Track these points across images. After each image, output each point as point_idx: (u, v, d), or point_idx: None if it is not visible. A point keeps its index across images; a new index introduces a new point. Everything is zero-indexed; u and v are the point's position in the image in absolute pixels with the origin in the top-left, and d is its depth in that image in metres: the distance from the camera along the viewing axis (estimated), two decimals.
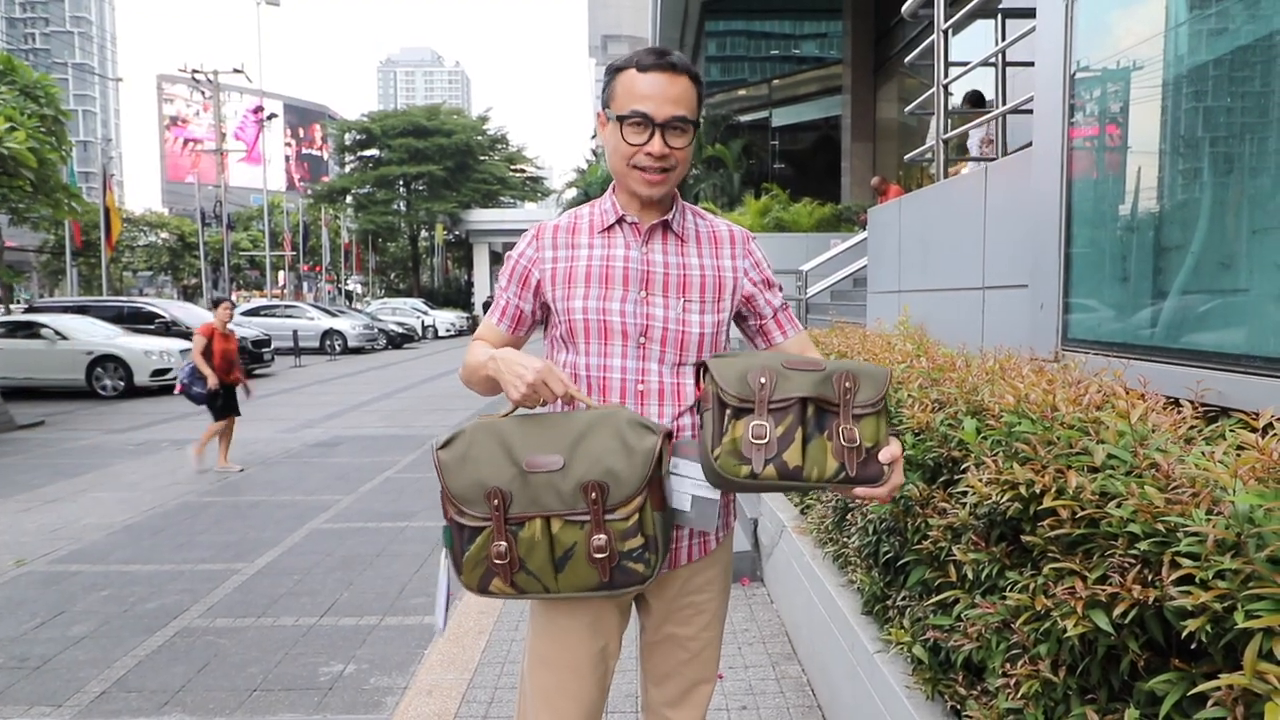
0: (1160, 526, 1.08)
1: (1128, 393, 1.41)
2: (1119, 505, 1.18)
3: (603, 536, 1.34)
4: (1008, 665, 1.47)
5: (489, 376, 1.49)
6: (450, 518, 1.41)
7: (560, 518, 1.35)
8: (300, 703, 3.15)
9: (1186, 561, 1.00)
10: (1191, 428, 1.41)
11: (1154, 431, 1.34)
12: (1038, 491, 1.35)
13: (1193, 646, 1.01)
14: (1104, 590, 1.14)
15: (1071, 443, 1.41)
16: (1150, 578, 1.09)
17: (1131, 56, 2.27)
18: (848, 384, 1.38)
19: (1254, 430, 1.15)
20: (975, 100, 8.42)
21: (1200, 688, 0.93)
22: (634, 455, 1.35)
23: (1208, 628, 0.95)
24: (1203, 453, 1.24)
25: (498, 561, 1.37)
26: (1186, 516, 1.04)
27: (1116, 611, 1.09)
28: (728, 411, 1.37)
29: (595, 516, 1.35)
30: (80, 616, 4.01)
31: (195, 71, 31.76)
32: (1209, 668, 1.03)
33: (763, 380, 1.37)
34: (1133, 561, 1.13)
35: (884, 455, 1.38)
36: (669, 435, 1.41)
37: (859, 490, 1.38)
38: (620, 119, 1.50)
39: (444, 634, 3.59)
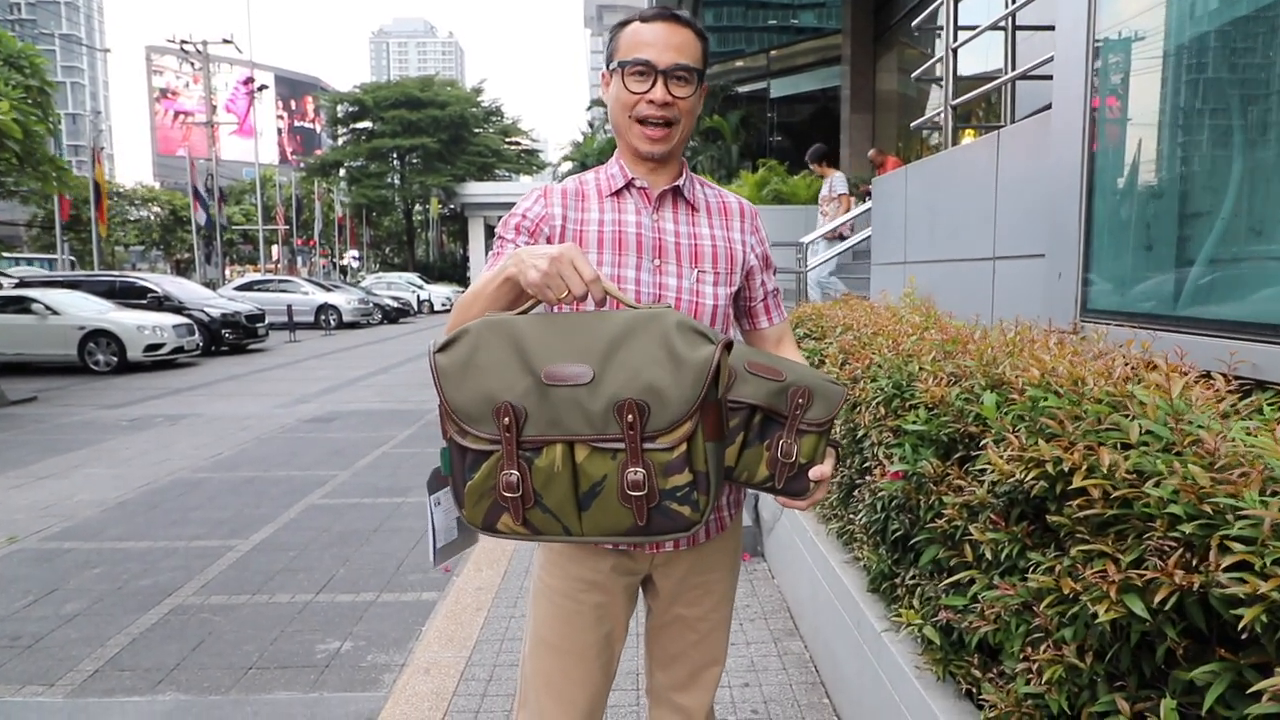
0: (1207, 508, 1.01)
1: (1168, 365, 1.33)
2: (1157, 484, 1.11)
3: (640, 470, 1.09)
4: (1029, 649, 1.41)
5: (509, 278, 1.22)
6: (450, 437, 1.16)
7: (587, 444, 1.10)
8: (296, 680, 3.11)
9: (1238, 546, 0.93)
10: (1221, 400, 1.34)
11: (1190, 406, 1.26)
12: (1066, 470, 1.27)
13: (1244, 636, 0.94)
14: (1140, 575, 1.08)
15: (1100, 418, 1.34)
16: (1194, 562, 1.02)
17: (1160, 15, 2.17)
18: (800, 400, 1.34)
19: None
20: (821, 155, 8.65)
21: (1259, 686, 0.86)
22: (683, 368, 1.09)
23: (1262, 618, 0.88)
24: (1245, 428, 1.17)
25: (507, 495, 1.13)
26: (1237, 498, 0.97)
27: (1157, 598, 1.02)
28: None
29: (631, 445, 1.08)
30: (73, 594, 3.96)
31: (184, 42, 31.32)
32: (1258, 658, 0.97)
33: None
34: (1174, 545, 1.06)
35: (814, 473, 1.36)
36: (729, 346, 1.15)
37: (780, 499, 1.39)
38: (622, 65, 1.44)
39: (436, 567, 3.48)
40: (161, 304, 15.46)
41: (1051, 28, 2.83)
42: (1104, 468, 1.20)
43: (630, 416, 1.08)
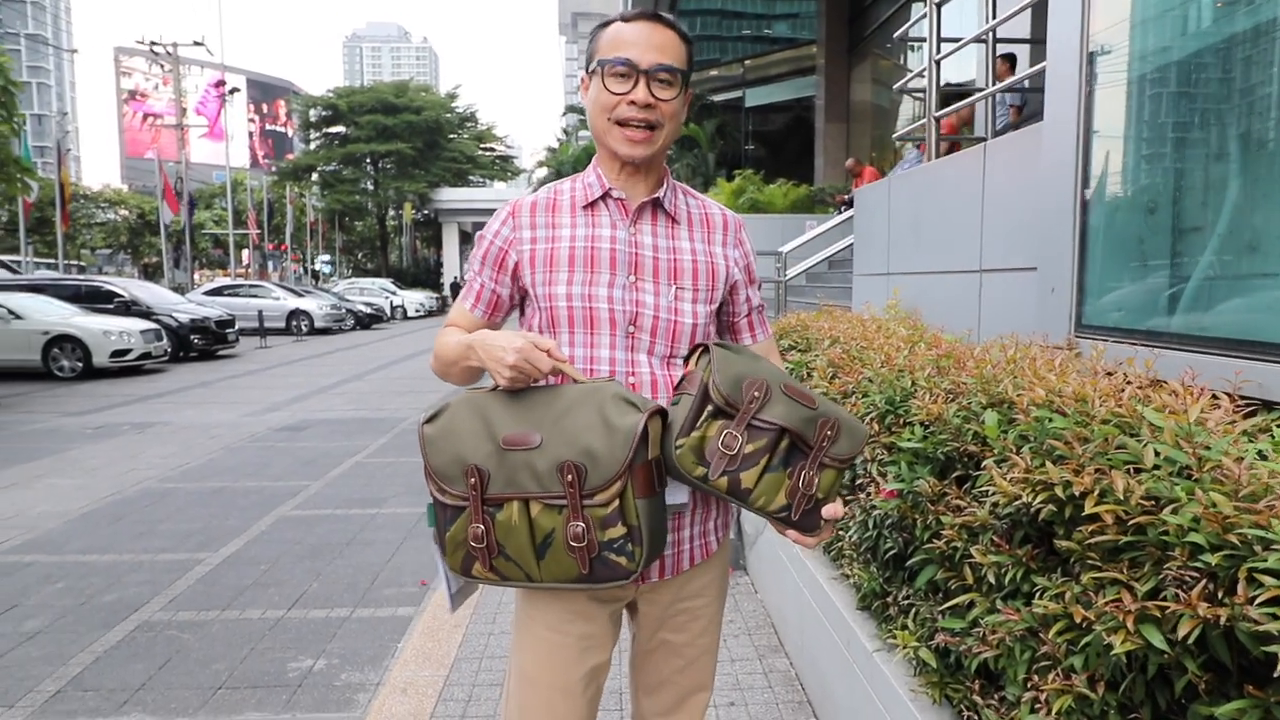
0: (1233, 538, 0.97)
1: (1183, 386, 1.30)
2: (1175, 511, 1.07)
3: (580, 524, 1.22)
4: (1035, 677, 1.37)
5: (470, 368, 1.41)
6: (433, 495, 1.34)
7: (539, 500, 1.24)
8: (268, 701, 3.01)
9: (1270, 580, 0.90)
10: (1234, 423, 1.32)
11: (1205, 429, 1.23)
12: (1077, 494, 1.24)
13: (1276, 674, 0.90)
14: (1160, 605, 1.04)
15: (1108, 439, 1.30)
16: (1220, 594, 0.98)
17: (1156, 24, 2.16)
18: (829, 431, 1.32)
19: None
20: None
21: None
22: (614, 434, 1.22)
23: None
24: (1260, 451, 1.15)
25: (475, 545, 1.28)
26: (1266, 528, 0.94)
27: (1181, 631, 0.98)
28: (708, 408, 1.28)
29: (572, 501, 1.22)
30: (34, 610, 3.82)
31: (154, 44, 30.80)
32: None
33: (756, 394, 1.29)
34: (1195, 575, 1.02)
35: (827, 511, 1.34)
36: (659, 413, 1.28)
37: (790, 533, 1.35)
38: (602, 64, 1.39)
39: (453, 613, 3.43)
40: (129, 309, 15.11)
41: (1031, 41, 2.82)
42: (1118, 493, 1.16)
43: (570, 476, 1.22)
